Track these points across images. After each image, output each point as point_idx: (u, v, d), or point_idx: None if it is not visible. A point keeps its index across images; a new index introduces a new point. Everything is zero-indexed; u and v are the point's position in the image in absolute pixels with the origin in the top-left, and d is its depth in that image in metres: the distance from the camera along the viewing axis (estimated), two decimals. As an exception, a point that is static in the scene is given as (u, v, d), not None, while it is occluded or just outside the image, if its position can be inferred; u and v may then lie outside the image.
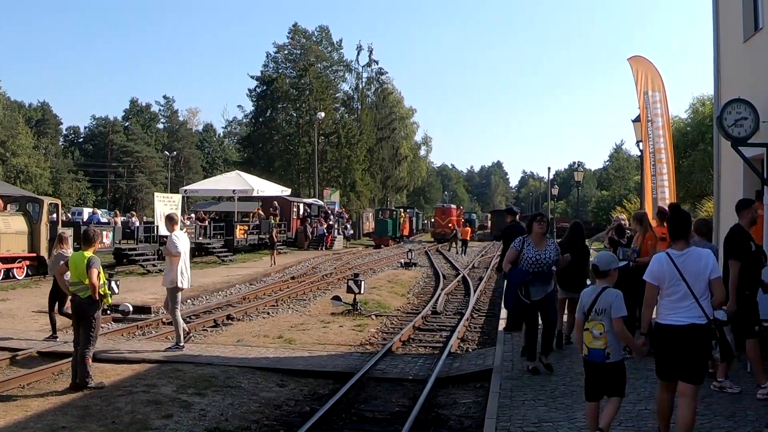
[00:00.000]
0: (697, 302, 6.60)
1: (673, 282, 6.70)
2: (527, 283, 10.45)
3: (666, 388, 6.98)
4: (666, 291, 6.77)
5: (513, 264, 10.77)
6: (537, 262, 10.55)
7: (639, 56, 19.48)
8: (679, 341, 6.65)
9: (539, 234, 10.73)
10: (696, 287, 6.62)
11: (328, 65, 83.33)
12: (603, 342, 6.85)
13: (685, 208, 14.54)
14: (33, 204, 26.75)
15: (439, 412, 10.16)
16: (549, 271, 10.71)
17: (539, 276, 10.57)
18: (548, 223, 11.12)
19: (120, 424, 8.91)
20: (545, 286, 10.71)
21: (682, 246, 6.84)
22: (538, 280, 10.57)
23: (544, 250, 10.67)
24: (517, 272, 10.61)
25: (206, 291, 24.14)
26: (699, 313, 6.59)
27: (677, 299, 6.69)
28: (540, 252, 10.62)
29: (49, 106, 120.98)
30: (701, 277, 6.66)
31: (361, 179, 72.80)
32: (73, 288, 10.72)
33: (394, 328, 18.27)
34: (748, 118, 12.63)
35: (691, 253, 6.78)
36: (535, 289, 10.52)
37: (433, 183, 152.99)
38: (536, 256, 10.57)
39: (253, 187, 41.10)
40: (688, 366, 6.66)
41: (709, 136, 28.95)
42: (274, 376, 12.12)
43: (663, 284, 6.78)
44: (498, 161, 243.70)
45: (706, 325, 6.59)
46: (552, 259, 10.68)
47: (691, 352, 6.62)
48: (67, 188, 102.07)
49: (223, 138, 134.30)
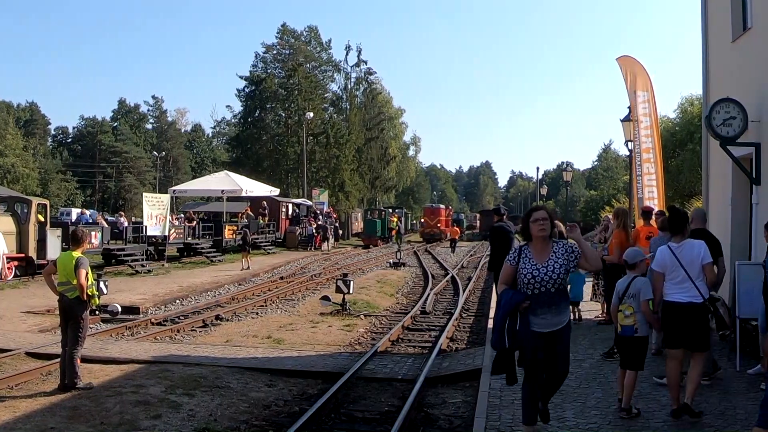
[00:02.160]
0: (693, 284, 7.99)
1: (674, 268, 8.09)
2: (523, 310, 6.96)
3: (674, 357, 8.22)
4: (669, 276, 8.14)
5: (510, 284, 7.25)
6: (536, 280, 6.98)
7: (628, 56, 19.54)
8: (681, 316, 8.02)
9: (540, 239, 7.11)
10: (692, 272, 8.01)
11: (317, 65, 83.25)
12: (632, 320, 8.16)
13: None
14: (21, 204, 26.63)
15: (428, 412, 10.16)
16: (558, 294, 7.05)
17: (542, 299, 6.97)
18: (552, 220, 7.27)
19: (109, 425, 8.88)
20: (553, 314, 7.04)
21: (680, 239, 8.25)
22: (541, 306, 6.98)
23: (547, 261, 7.02)
24: (508, 295, 7.10)
25: (195, 291, 24.10)
26: (695, 293, 7.98)
27: (678, 282, 8.07)
28: (540, 265, 7.02)
29: (37, 106, 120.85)
30: (695, 263, 8.03)
31: (350, 179, 72.70)
32: (61, 288, 10.66)
33: (383, 328, 18.26)
34: (736, 117, 12.69)
35: (686, 244, 8.20)
36: (538, 319, 6.99)
37: (421, 183, 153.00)
38: (534, 272, 7.00)
39: (241, 187, 41.06)
40: (692, 337, 8.03)
41: (698, 136, 29.02)
42: (263, 376, 12.10)
43: (666, 270, 8.16)
44: (487, 161, 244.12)
45: (701, 303, 8.00)
46: (560, 274, 6.99)
47: (692, 325, 7.99)
48: (55, 189, 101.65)
49: (212, 138, 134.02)
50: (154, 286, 24.48)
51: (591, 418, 8.29)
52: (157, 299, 21.59)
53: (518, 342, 6.98)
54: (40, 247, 26.25)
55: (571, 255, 7.10)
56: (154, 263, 32.63)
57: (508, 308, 7.05)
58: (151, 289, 23.77)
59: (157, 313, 19.86)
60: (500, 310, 7.16)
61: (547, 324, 7.04)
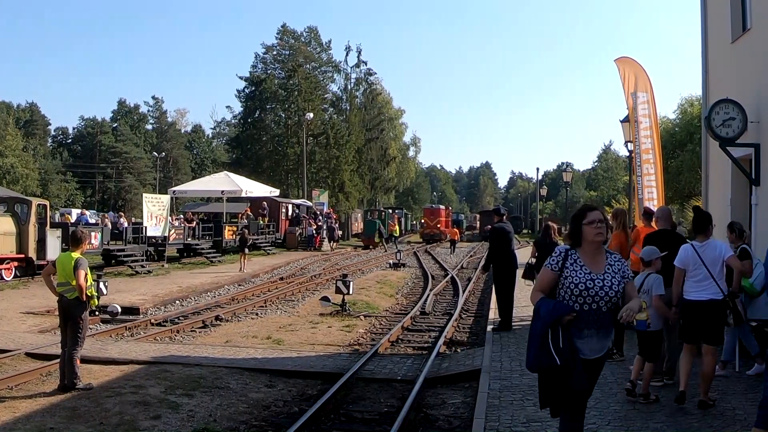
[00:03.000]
0: (715, 281, 8.35)
1: (696, 266, 8.44)
2: (567, 326, 5.63)
3: (689, 351, 8.63)
4: (690, 273, 8.49)
5: (547, 293, 5.92)
6: (588, 293, 5.66)
7: (626, 57, 19.53)
8: (701, 313, 8.39)
9: (596, 244, 5.81)
10: (713, 270, 8.35)
11: (317, 66, 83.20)
12: (645, 315, 8.36)
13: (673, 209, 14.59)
14: (21, 205, 26.64)
15: (427, 413, 10.15)
16: (609, 314, 5.78)
17: (590, 318, 5.69)
18: (608, 222, 6.13)
19: (108, 426, 8.88)
20: (599, 339, 5.79)
21: (703, 239, 8.60)
22: (588, 326, 5.70)
23: (603, 273, 5.74)
24: (549, 304, 5.73)
25: (195, 292, 24.12)
26: (716, 290, 8.36)
27: (698, 280, 8.42)
28: (596, 275, 5.72)
29: (37, 106, 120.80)
30: (717, 262, 8.38)
31: (350, 180, 72.70)
32: (60, 289, 10.66)
33: (383, 328, 18.26)
34: (736, 118, 12.70)
35: (709, 244, 8.53)
36: (586, 342, 5.71)
37: (421, 184, 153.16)
38: (588, 283, 5.68)
39: (241, 187, 41.09)
40: (709, 331, 8.42)
41: (698, 137, 29.04)
42: (263, 376, 12.10)
43: (688, 268, 8.50)
44: (487, 162, 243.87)
45: (721, 300, 8.39)
46: (617, 292, 5.70)
47: (710, 320, 8.39)
48: (55, 189, 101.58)
49: (212, 139, 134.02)
50: (153, 287, 24.49)
51: (590, 419, 8.26)
52: (157, 300, 21.60)
53: (567, 360, 5.54)
54: (40, 248, 26.25)
55: (626, 272, 5.83)
56: (153, 264, 32.66)
57: (551, 319, 5.61)
58: (150, 289, 23.77)
59: (156, 313, 19.87)
60: (539, 321, 5.73)
61: (590, 349, 5.73)
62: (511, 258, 15.41)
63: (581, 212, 5.95)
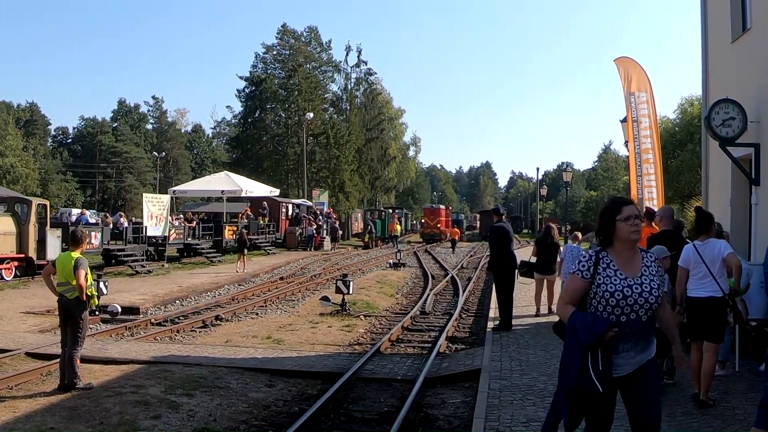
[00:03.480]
0: (714, 280, 8.56)
1: (697, 265, 8.69)
2: (608, 344, 4.91)
3: (697, 349, 8.79)
4: (692, 272, 8.74)
5: (577, 304, 5.13)
6: (626, 301, 4.95)
7: (625, 57, 19.55)
8: (701, 310, 8.63)
9: (631, 242, 5.11)
10: (713, 268, 8.58)
11: (317, 66, 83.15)
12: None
13: (673, 208, 14.66)
14: (21, 205, 26.65)
15: (427, 412, 10.15)
16: (650, 322, 5.09)
17: (628, 330, 4.99)
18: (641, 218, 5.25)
19: (108, 425, 8.88)
20: (638, 351, 5.08)
21: (704, 238, 8.84)
22: (625, 340, 5.00)
23: (640, 277, 5.05)
24: (586, 320, 4.93)
25: (195, 291, 24.12)
26: (716, 288, 8.56)
27: (699, 278, 8.66)
28: (632, 281, 5.01)
29: (37, 106, 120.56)
30: (717, 261, 8.60)
31: (350, 180, 72.69)
32: (60, 289, 10.67)
33: (383, 328, 18.26)
34: (736, 118, 12.72)
35: (709, 243, 8.79)
36: (622, 357, 5.02)
37: (421, 183, 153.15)
38: (626, 290, 4.96)
39: (241, 187, 41.06)
40: (709, 329, 8.60)
41: (698, 137, 29.07)
42: (263, 376, 12.10)
43: (690, 267, 8.75)
44: (487, 162, 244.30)
45: (721, 297, 8.58)
46: (657, 296, 5.03)
47: (710, 318, 8.59)
48: (55, 189, 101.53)
49: (212, 138, 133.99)
50: (153, 287, 24.50)
51: (590, 419, 8.29)
52: (157, 300, 21.60)
53: (606, 385, 4.86)
54: (40, 248, 26.25)
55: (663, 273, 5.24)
56: (153, 264, 32.66)
57: (592, 339, 4.81)
58: (150, 289, 23.78)
59: (156, 313, 19.87)
60: (576, 339, 4.90)
61: (634, 361, 5.04)
62: (510, 258, 15.40)
63: (615, 206, 5.14)
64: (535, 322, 16.30)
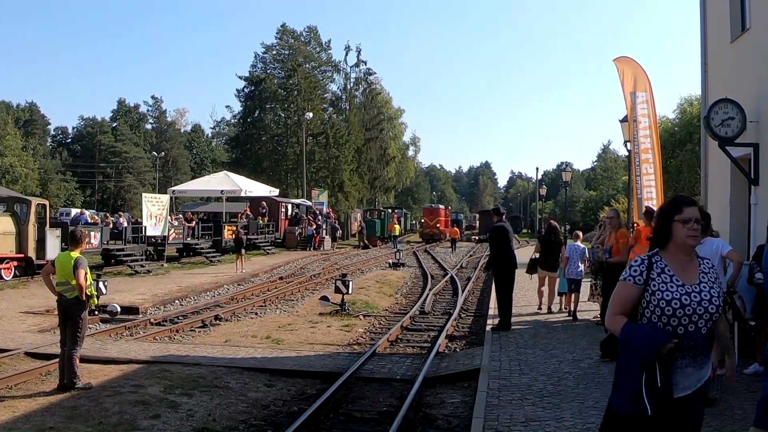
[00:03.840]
0: None
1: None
2: (667, 358, 4.39)
3: None
4: None
5: (629, 315, 4.61)
6: (685, 311, 4.42)
7: (625, 57, 19.55)
8: None
9: (687, 248, 4.61)
10: None
11: (317, 66, 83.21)
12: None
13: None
14: (20, 204, 26.65)
15: (426, 412, 10.15)
16: (709, 335, 4.55)
17: (687, 343, 4.45)
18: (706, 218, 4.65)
19: (107, 425, 8.88)
20: (697, 367, 4.52)
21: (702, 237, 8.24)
22: (683, 354, 4.46)
23: (699, 284, 4.53)
24: (642, 331, 4.42)
25: (194, 291, 24.12)
26: None
27: None
28: (691, 287, 4.50)
29: (36, 106, 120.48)
30: (714, 259, 8.62)
31: (349, 180, 72.71)
32: (60, 288, 10.67)
33: (382, 328, 18.26)
34: (735, 117, 12.73)
35: (707, 241, 8.76)
36: (681, 375, 4.46)
37: (421, 183, 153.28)
38: (684, 298, 4.45)
39: (241, 187, 41.06)
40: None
41: (697, 136, 29.07)
42: (262, 376, 12.10)
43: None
44: (486, 161, 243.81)
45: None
46: (718, 306, 4.52)
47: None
48: (55, 189, 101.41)
49: (212, 138, 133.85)
50: (153, 287, 24.50)
51: (589, 418, 8.30)
52: (156, 299, 21.60)
53: (661, 407, 4.31)
54: (40, 247, 26.24)
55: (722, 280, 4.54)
56: (153, 263, 32.63)
57: (651, 352, 4.28)
58: (150, 289, 23.78)
59: (156, 313, 19.87)
60: (630, 354, 4.36)
61: (694, 380, 4.48)
62: (510, 258, 15.40)
63: (676, 205, 4.63)
64: (534, 320, 16.32)
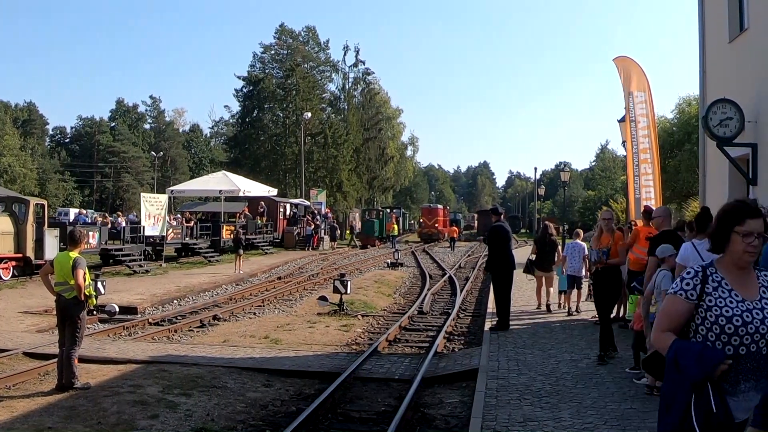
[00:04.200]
0: None
1: (696, 262, 8.15)
2: (720, 377, 3.85)
3: None
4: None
5: (677, 332, 4.11)
6: (746, 329, 3.92)
7: (624, 56, 19.58)
8: None
9: (743, 262, 4.12)
10: None
11: (315, 65, 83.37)
12: (656, 308, 8.54)
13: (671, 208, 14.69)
14: (19, 204, 26.62)
15: (425, 412, 10.15)
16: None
17: (747, 366, 3.94)
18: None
19: (106, 425, 8.88)
20: (758, 390, 3.97)
21: (702, 237, 8.55)
22: (745, 377, 3.95)
23: (760, 300, 4.02)
24: (693, 350, 3.91)
25: (192, 291, 24.11)
26: None
27: None
28: (752, 304, 3.99)
29: (35, 106, 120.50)
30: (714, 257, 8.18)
31: (348, 179, 72.75)
32: (59, 288, 10.66)
33: (381, 328, 18.26)
34: (733, 118, 12.73)
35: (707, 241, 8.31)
36: (742, 400, 3.94)
37: (419, 183, 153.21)
38: (746, 316, 3.95)
39: (239, 187, 41.09)
40: None
41: (695, 136, 29.08)
42: (260, 376, 12.09)
43: (688, 264, 8.17)
44: (485, 161, 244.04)
45: None
46: None
47: None
48: (53, 189, 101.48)
49: (210, 138, 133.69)
50: (151, 286, 24.49)
51: (587, 418, 8.31)
52: (155, 299, 21.59)
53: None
54: (38, 247, 26.22)
55: None
56: (151, 263, 32.62)
57: (702, 374, 3.82)
58: (148, 289, 23.76)
59: (154, 313, 19.86)
60: (679, 375, 3.91)
61: (746, 409, 3.95)
62: (508, 258, 15.39)
63: (738, 214, 4.12)
64: (532, 320, 16.33)
